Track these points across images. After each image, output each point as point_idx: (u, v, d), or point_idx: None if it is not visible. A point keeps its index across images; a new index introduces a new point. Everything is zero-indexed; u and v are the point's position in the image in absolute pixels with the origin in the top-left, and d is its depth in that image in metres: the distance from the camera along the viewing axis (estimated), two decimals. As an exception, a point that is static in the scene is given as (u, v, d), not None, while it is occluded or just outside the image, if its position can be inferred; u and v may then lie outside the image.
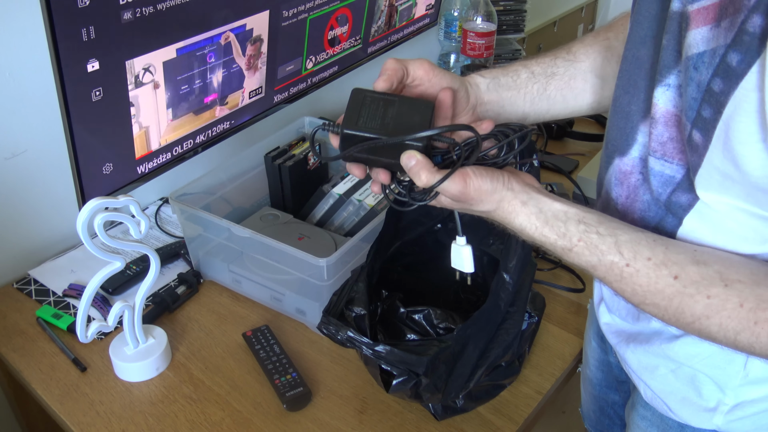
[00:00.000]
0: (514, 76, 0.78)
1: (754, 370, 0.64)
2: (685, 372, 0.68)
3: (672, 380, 0.70)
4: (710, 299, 0.54)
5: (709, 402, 0.68)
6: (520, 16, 2.01)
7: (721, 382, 0.66)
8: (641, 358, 0.72)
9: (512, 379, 0.94)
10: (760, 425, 0.68)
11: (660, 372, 0.71)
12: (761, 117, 0.48)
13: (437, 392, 0.82)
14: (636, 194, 0.64)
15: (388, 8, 1.47)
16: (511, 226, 0.64)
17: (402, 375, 0.80)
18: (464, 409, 0.89)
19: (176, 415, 0.90)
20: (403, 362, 0.78)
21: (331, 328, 0.80)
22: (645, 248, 0.58)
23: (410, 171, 0.61)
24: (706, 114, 0.52)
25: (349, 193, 1.18)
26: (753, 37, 0.47)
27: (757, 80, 0.47)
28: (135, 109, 0.97)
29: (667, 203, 0.60)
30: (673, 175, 0.59)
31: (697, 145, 0.54)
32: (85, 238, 0.81)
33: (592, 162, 1.42)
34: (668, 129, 0.58)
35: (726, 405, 0.67)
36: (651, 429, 0.77)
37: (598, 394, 0.97)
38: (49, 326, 1.04)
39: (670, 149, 0.59)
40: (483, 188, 0.61)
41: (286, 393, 0.90)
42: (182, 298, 1.09)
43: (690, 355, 0.67)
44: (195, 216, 1.06)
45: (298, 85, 1.32)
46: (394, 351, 0.77)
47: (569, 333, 1.02)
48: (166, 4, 0.92)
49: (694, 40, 0.52)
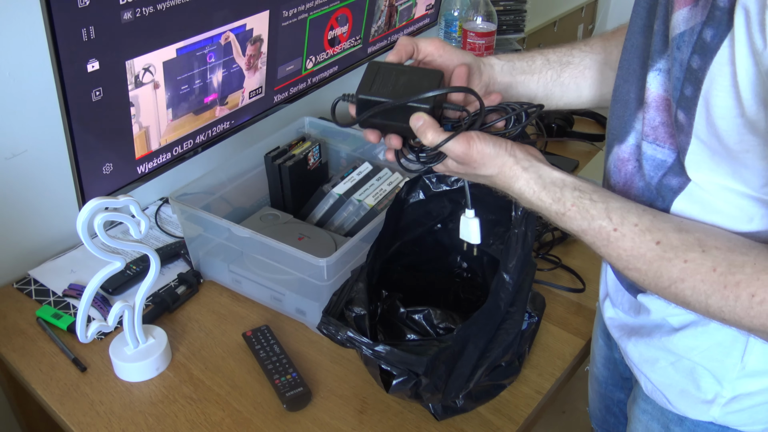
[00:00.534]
0: (530, 61, 0.80)
1: (752, 362, 0.65)
2: (684, 365, 0.69)
3: (671, 373, 0.71)
4: (686, 263, 0.55)
5: (707, 394, 0.69)
6: (520, 16, 2.01)
7: (719, 375, 0.67)
8: (642, 351, 0.73)
9: (512, 379, 0.94)
10: (757, 419, 0.68)
11: (660, 365, 0.72)
12: (735, 91, 0.49)
13: (437, 392, 0.82)
14: (632, 181, 0.66)
15: (388, 8, 1.47)
16: (511, 191, 0.66)
17: (402, 375, 0.80)
18: (464, 409, 0.89)
19: (176, 415, 0.90)
20: (403, 362, 0.78)
21: (331, 329, 0.80)
22: (633, 215, 0.60)
23: (418, 131, 0.64)
24: (688, 92, 0.54)
25: (349, 193, 1.18)
26: (723, 12, 0.48)
27: (729, 54, 0.49)
28: (135, 109, 0.97)
29: (658, 187, 0.62)
30: (665, 159, 0.61)
31: (683, 124, 0.56)
32: (85, 238, 0.81)
33: (592, 162, 1.42)
34: (659, 113, 0.60)
35: (723, 397, 0.68)
36: (651, 422, 0.78)
37: (604, 392, 0.97)
38: (49, 326, 1.04)
39: (662, 133, 0.60)
40: (486, 152, 0.64)
41: (286, 393, 0.90)
42: (182, 298, 1.09)
43: (689, 348, 0.68)
44: (195, 216, 1.06)
45: (298, 85, 1.32)
46: (394, 351, 0.77)
47: (569, 333, 1.03)
48: (166, 4, 0.92)
49: (677, 21, 0.53)
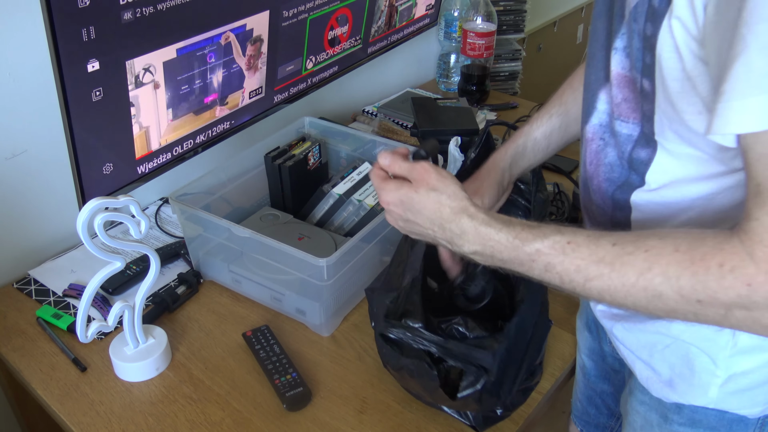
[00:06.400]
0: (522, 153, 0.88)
1: (743, 339, 0.66)
2: (679, 347, 0.70)
3: (668, 356, 0.72)
4: (648, 252, 0.55)
5: (702, 376, 0.69)
6: (520, 16, 2.01)
7: (712, 354, 0.68)
8: (639, 337, 0.74)
9: (538, 379, 0.93)
10: (756, 401, 0.69)
11: (657, 349, 0.72)
12: (677, 52, 0.53)
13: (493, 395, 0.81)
14: (599, 159, 0.69)
15: (388, 8, 1.47)
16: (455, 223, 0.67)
17: (469, 375, 0.78)
18: (503, 417, 0.88)
19: (176, 415, 0.90)
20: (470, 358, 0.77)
21: (398, 332, 0.79)
22: (583, 231, 0.61)
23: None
24: (648, 60, 0.57)
25: (349, 193, 1.18)
26: None
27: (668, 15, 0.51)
28: (135, 109, 0.97)
29: (629, 161, 0.65)
30: (630, 134, 0.64)
31: (648, 92, 0.59)
32: (85, 238, 0.81)
33: (592, 162, 1.42)
34: (621, 90, 0.63)
35: (718, 377, 0.68)
36: (650, 413, 0.78)
37: (588, 383, 0.98)
38: (49, 326, 1.04)
39: (625, 109, 0.63)
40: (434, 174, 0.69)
41: (286, 393, 0.90)
42: (182, 298, 1.09)
43: (681, 329, 0.69)
44: (195, 216, 1.06)
45: (298, 85, 1.32)
46: (462, 346, 0.77)
47: (569, 333, 1.02)
48: (166, 4, 0.92)
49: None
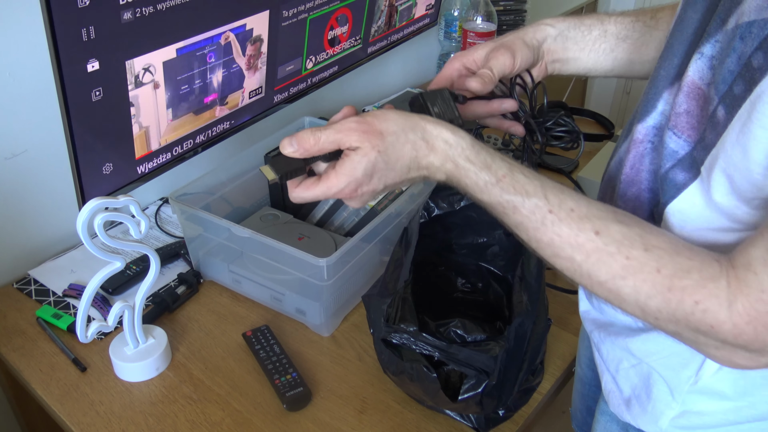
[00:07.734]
0: (585, 32, 0.76)
1: (705, 378, 0.63)
2: (642, 369, 0.68)
3: (632, 375, 0.69)
4: (629, 260, 0.53)
5: (657, 404, 0.67)
6: (520, 16, 2.01)
7: (672, 384, 0.65)
8: (610, 350, 0.72)
9: (540, 379, 0.93)
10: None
11: (623, 366, 0.70)
12: None
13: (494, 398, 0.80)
14: (641, 164, 0.61)
15: (388, 8, 1.47)
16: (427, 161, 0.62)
17: (470, 379, 0.78)
18: (505, 418, 0.88)
19: (176, 415, 0.90)
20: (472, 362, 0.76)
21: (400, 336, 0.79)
22: (569, 198, 0.57)
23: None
24: (737, 90, 0.49)
25: (349, 193, 1.18)
26: None
27: None
28: (135, 109, 0.97)
29: (663, 177, 0.58)
30: (677, 150, 0.56)
31: (719, 122, 0.51)
32: (85, 238, 0.81)
33: (592, 162, 1.42)
34: (688, 100, 0.55)
35: (672, 410, 0.66)
36: (610, 424, 0.77)
37: (587, 393, 0.97)
38: (49, 326, 1.04)
39: (683, 122, 0.55)
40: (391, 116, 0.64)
41: (286, 393, 0.90)
42: (182, 298, 1.09)
43: (649, 352, 0.66)
44: (195, 216, 1.06)
45: (298, 85, 1.32)
46: (465, 350, 0.76)
47: (569, 333, 1.02)
48: (166, 4, 0.92)
49: (748, 8, 0.48)
